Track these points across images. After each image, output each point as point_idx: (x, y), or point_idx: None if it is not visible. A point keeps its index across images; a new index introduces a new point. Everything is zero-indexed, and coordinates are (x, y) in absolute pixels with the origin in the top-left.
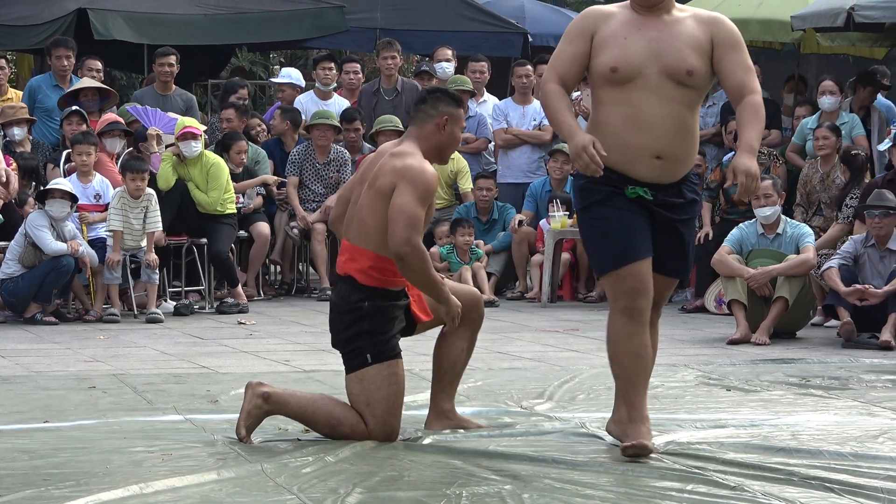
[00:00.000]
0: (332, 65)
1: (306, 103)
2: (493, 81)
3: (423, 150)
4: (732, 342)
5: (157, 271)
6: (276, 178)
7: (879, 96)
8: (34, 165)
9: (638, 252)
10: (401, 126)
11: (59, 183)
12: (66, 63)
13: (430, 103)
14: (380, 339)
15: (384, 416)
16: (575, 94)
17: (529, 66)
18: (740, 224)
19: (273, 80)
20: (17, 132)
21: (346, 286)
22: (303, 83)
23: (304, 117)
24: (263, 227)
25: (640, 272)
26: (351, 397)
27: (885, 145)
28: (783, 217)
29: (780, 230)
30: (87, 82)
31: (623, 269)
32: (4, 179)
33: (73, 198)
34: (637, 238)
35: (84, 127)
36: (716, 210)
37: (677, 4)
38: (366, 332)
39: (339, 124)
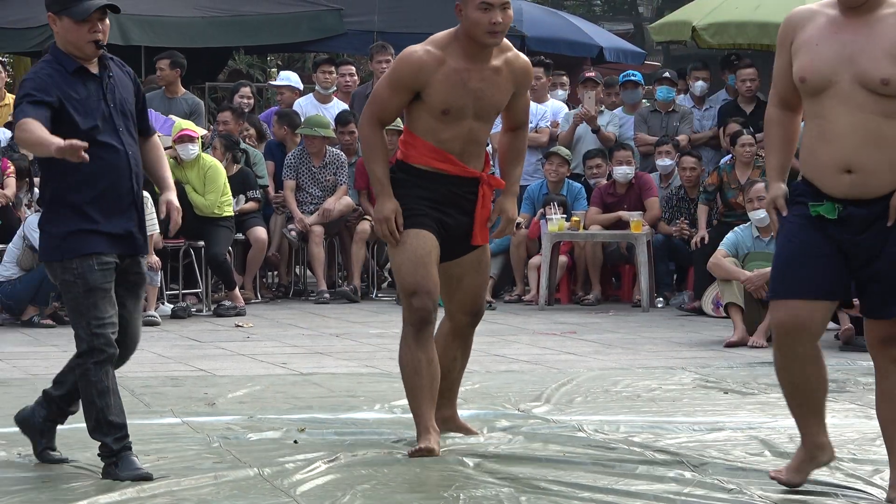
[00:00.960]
0: (333, 68)
1: (305, 106)
2: None
3: (459, 39)
4: (730, 345)
5: (159, 273)
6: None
7: None
8: (26, 166)
9: (796, 290)
10: (401, 125)
11: None
12: None
13: None
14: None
15: (401, 284)
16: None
17: None
18: (735, 227)
19: (272, 82)
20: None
21: None
22: (301, 86)
23: (302, 120)
24: (260, 231)
25: (794, 309)
26: None
27: None
28: None
29: (775, 232)
30: None
31: (777, 301)
32: None
33: None
34: (803, 274)
35: None
36: (713, 213)
37: None
38: None
39: (326, 133)
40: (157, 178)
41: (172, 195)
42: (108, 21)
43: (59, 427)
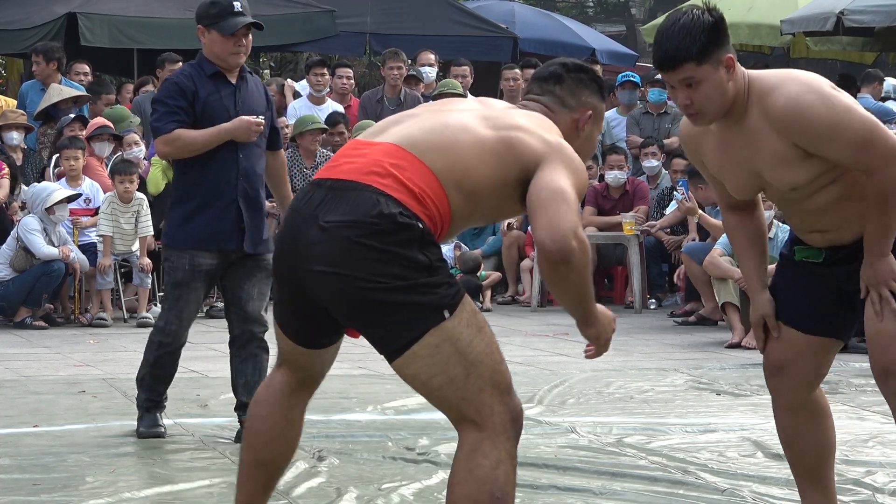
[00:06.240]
0: (325, 70)
1: (300, 108)
2: (482, 85)
3: None
4: (732, 346)
5: (150, 275)
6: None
7: (869, 98)
8: (14, 167)
9: (788, 314)
10: (321, 123)
11: (61, 189)
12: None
13: (568, 86)
14: None
15: None
16: None
17: (518, 70)
18: None
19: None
20: (16, 136)
21: None
22: (304, 93)
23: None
24: None
25: (776, 348)
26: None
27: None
28: (775, 221)
29: (771, 234)
30: (66, 93)
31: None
32: None
33: (70, 200)
34: (795, 299)
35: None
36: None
37: (752, 86)
38: None
39: (318, 126)
40: (277, 196)
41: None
42: (251, 37)
43: (53, 428)
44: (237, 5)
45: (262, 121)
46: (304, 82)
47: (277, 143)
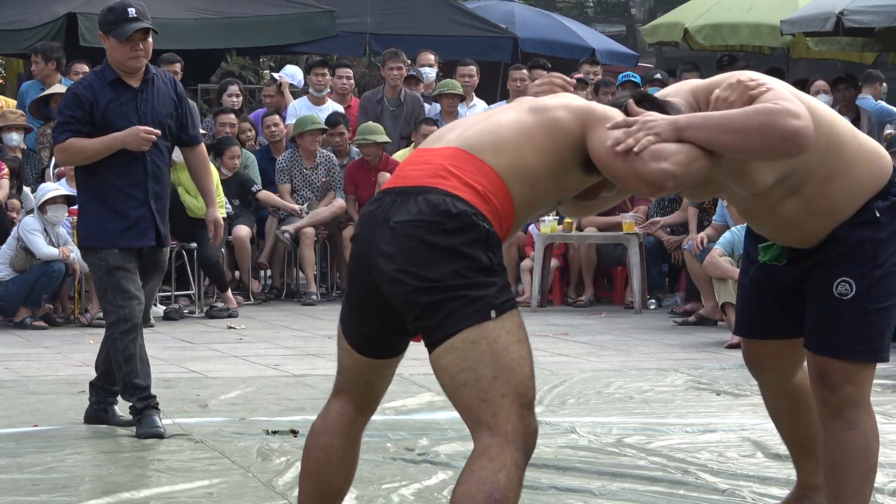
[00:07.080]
0: (326, 70)
1: (300, 108)
2: (482, 85)
3: None
4: (732, 346)
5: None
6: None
7: (870, 98)
8: (17, 168)
9: (748, 329)
10: (384, 136)
11: (58, 188)
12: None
13: None
14: None
15: None
16: None
17: (525, 70)
18: (732, 227)
19: (275, 74)
20: (16, 137)
21: None
22: (301, 82)
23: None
24: (242, 229)
25: (750, 349)
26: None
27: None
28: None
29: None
30: (57, 88)
31: (743, 338)
32: None
33: (68, 200)
34: (752, 315)
35: None
36: (704, 216)
37: None
38: None
39: (318, 126)
40: (201, 189)
41: (213, 209)
42: (150, 40)
43: (53, 428)
44: (132, 11)
45: (155, 131)
46: (291, 68)
47: (193, 140)
